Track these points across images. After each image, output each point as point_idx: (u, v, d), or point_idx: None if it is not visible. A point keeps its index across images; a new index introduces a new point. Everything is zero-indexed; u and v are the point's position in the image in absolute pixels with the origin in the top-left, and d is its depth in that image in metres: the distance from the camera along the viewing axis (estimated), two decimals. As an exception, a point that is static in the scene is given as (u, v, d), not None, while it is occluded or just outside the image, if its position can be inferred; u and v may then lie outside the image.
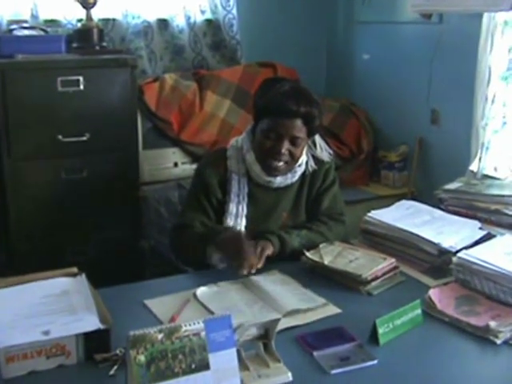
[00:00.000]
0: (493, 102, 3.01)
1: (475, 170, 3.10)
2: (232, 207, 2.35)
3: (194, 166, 3.18)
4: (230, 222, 2.33)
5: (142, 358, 1.36)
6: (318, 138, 2.49)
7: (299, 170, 2.40)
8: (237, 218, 2.34)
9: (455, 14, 3.06)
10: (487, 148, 3.06)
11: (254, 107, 2.37)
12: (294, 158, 2.31)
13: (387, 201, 3.07)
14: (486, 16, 2.94)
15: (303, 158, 2.39)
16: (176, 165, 3.31)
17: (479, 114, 3.04)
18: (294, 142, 2.27)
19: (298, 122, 2.26)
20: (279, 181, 2.36)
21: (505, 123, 3.00)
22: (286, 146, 2.26)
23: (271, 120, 2.26)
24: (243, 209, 2.35)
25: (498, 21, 2.92)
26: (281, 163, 2.29)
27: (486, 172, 3.06)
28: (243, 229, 2.34)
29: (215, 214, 2.36)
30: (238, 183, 2.36)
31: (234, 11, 3.72)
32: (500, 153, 3.04)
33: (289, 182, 2.39)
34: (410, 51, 3.50)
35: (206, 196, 2.35)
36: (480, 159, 3.08)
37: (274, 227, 2.38)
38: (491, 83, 3.00)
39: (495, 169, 3.04)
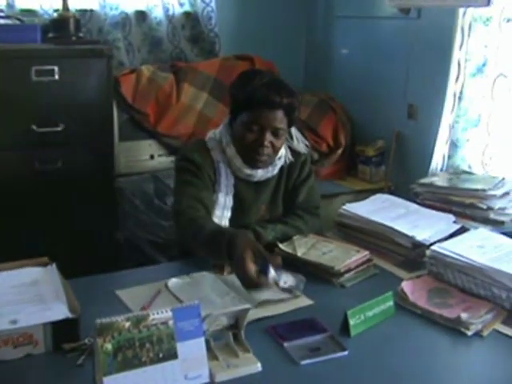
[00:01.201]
0: (461, 98, 3.02)
1: (441, 167, 3.12)
2: (221, 198, 2.30)
3: (171, 159, 3.19)
4: (218, 212, 2.29)
5: (109, 346, 1.35)
6: (293, 129, 2.48)
7: (279, 163, 2.38)
8: (224, 209, 2.31)
9: (433, 8, 3.06)
10: (457, 146, 3.07)
11: (233, 100, 2.32)
12: (275, 150, 2.29)
13: (364, 195, 3.07)
14: (457, 11, 2.95)
15: (282, 151, 2.38)
16: (152, 157, 3.29)
17: (449, 110, 3.05)
18: (276, 133, 2.25)
19: (280, 114, 2.23)
20: (260, 174, 2.34)
21: (478, 120, 3.01)
22: (268, 138, 2.24)
23: (253, 112, 2.23)
24: (230, 201, 2.33)
25: (469, 17, 2.93)
26: (264, 156, 2.27)
27: (459, 168, 3.07)
28: (227, 222, 2.31)
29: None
30: (225, 174, 2.32)
31: (213, 4, 3.71)
32: (473, 150, 3.04)
33: (269, 175, 2.37)
34: (388, 46, 3.51)
35: (201, 177, 2.27)
36: (451, 156, 3.10)
37: (252, 220, 2.37)
38: (460, 79, 3.01)
39: (469, 166, 3.05)
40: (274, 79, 2.30)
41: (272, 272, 1.78)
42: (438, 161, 3.13)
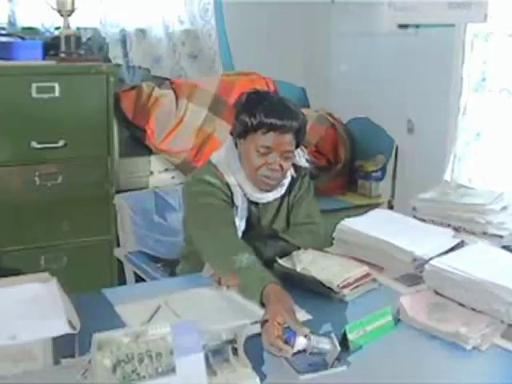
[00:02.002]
0: (464, 113, 3.03)
1: (449, 180, 3.13)
2: (238, 222, 2.28)
3: (171, 175, 3.20)
4: None
5: (107, 361, 1.35)
6: None
7: (286, 182, 2.38)
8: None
9: (431, 24, 3.08)
10: (459, 159, 3.08)
11: (240, 123, 2.25)
12: (284, 172, 2.28)
13: (364, 210, 3.06)
14: (457, 28, 2.97)
15: (290, 170, 2.39)
16: (152, 173, 3.30)
17: (452, 125, 3.07)
18: (285, 156, 2.24)
19: (290, 137, 2.22)
20: (270, 196, 2.34)
21: (478, 135, 3.02)
22: (278, 161, 2.23)
23: (263, 136, 2.20)
24: (243, 224, 2.31)
25: (469, 33, 2.95)
26: (274, 180, 2.27)
27: (460, 182, 3.08)
28: None
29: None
30: (242, 197, 2.30)
31: (213, 21, 3.74)
32: (474, 164, 3.05)
33: (278, 195, 2.37)
34: (386, 62, 3.53)
35: (224, 200, 2.24)
36: (450, 170, 3.11)
37: (254, 236, 2.37)
38: (463, 94, 3.03)
39: (469, 180, 3.05)
40: (282, 103, 2.26)
41: (298, 343, 1.66)
42: (437, 175, 3.14)
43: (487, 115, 2.98)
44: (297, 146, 2.32)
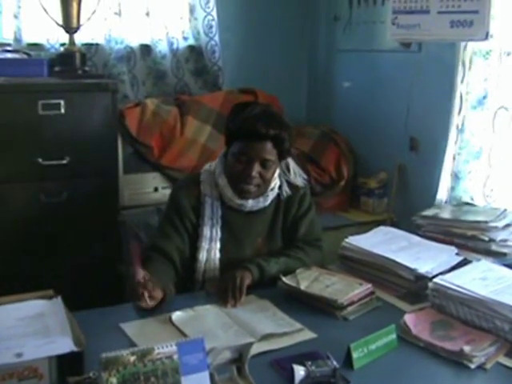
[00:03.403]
0: (462, 131, 3.05)
1: (443, 199, 3.14)
2: (206, 231, 2.36)
3: (173, 191, 3.20)
4: (204, 245, 2.35)
5: (114, 380, 1.36)
6: (292, 163, 2.51)
7: (271, 194, 2.41)
8: (211, 241, 2.36)
9: (433, 43, 3.10)
10: (459, 178, 3.08)
11: (225, 131, 2.39)
12: (265, 181, 2.33)
13: (366, 227, 3.08)
14: (457, 46, 2.99)
15: (276, 182, 2.41)
16: (156, 189, 3.31)
17: (451, 142, 3.08)
18: (264, 164, 2.29)
19: (268, 145, 2.27)
20: (251, 204, 2.37)
21: (478, 153, 3.03)
22: (256, 168, 2.27)
23: (242, 143, 2.28)
24: (217, 232, 2.37)
25: (469, 50, 2.97)
26: (252, 186, 2.31)
27: (461, 200, 3.08)
28: (218, 253, 2.35)
29: (188, 237, 2.37)
30: (212, 206, 2.37)
31: (217, 38, 3.75)
32: (475, 182, 3.06)
33: (261, 205, 2.39)
34: (389, 79, 3.55)
35: (180, 219, 2.36)
36: (453, 188, 3.12)
37: (248, 253, 2.39)
38: (462, 112, 3.04)
39: (471, 198, 3.06)
40: (264, 111, 2.33)
41: (298, 374, 1.65)
42: (440, 193, 3.15)
43: (487, 133, 2.98)
44: (281, 158, 2.35)
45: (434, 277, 2.16)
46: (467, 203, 3.00)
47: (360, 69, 3.82)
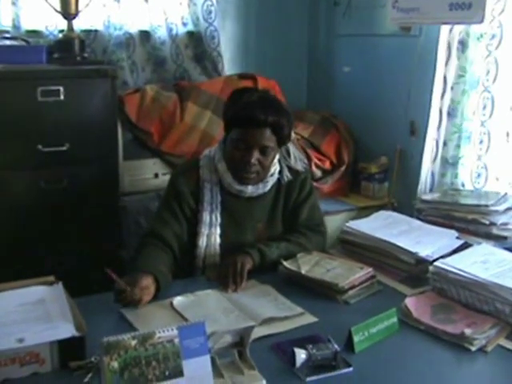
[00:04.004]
0: (455, 115, 3.04)
1: (435, 185, 3.15)
2: (205, 216, 2.36)
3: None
4: (204, 231, 2.35)
5: (115, 364, 1.36)
6: (292, 148, 2.51)
7: (271, 180, 2.41)
8: (211, 227, 2.36)
9: (434, 26, 3.08)
10: (449, 163, 3.08)
11: (224, 118, 2.39)
12: (264, 168, 2.32)
13: (367, 212, 3.08)
14: (444, 28, 2.98)
15: (275, 168, 2.41)
16: (156, 176, 3.31)
17: (442, 127, 3.08)
18: (263, 151, 2.29)
19: (267, 132, 2.27)
20: (251, 190, 2.37)
21: (468, 137, 3.01)
22: (255, 155, 2.27)
23: (240, 130, 2.28)
24: (217, 218, 2.37)
25: (463, 33, 2.96)
26: (251, 173, 2.31)
27: (452, 186, 3.08)
28: (218, 238, 2.35)
29: (187, 223, 2.37)
30: (211, 192, 2.37)
31: (216, 24, 3.73)
32: (466, 167, 3.05)
33: (260, 191, 2.39)
34: (389, 64, 3.53)
35: (179, 204, 2.36)
36: (443, 174, 3.11)
37: (249, 238, 2.40)
38: (452, 96, 3.03)
39: (462, 184, 3.05)
40: (262, 97, 2.33)
41: (299, 357, 1.66)
42: (433, 178, 3.16)
43: (479, 117, 2.97)
44: (280, 144, 2.35)
45: (434, 260, 2.16)
46: (466, 189, 3.00)
47: (360, 54, 3.80)
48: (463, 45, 2.98)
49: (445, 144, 3.09)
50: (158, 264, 2.14)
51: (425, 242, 2.37)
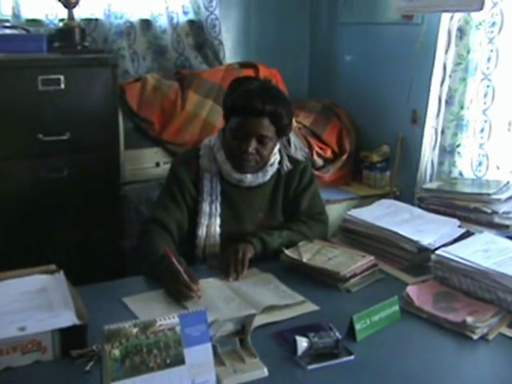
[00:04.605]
0: (452, 103, 3.03)
1: (434, 173, 3.14)
2: (205, 206, 2.36)
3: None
4: (203, 221, 2.35)
5: (116, 352, 1.36)
6: (293, 137, 2.50)
7: (271, 170, 2.40)
8: (211, 217, 2.35)
9: (435, 14, 3.07)
10: (449, 152, 3.07)
11: (223, 106, 2.38)
12: (262, 157, 2.32)
13: (369, 200, 3.09)
14: (444, 16, 2.97)
15: (275, 158, 2.40)
16: (158, 164, 3.30)
17: (441, 115, 3.07)
18: (261, 140, 2.28)
19: (265, 121, 2.26)
20: (250, 179, 2.36)
21: (466, 125, 3.00)
22: (253, 145, 2.27)
23: (238, 119, 2.27)
24: (217, 208, 2.36)
25: (461, 21, 2.95)
26: (249, 162, 2.30)
27: (450, 175, 3.08)
28: (218, 228, 2.35)
29: (188, 212, 2.36)
30: (211, 182, 2.37)
31: (217, 12, 3.72)
32: (464, 156, 3.05)
33: (260, 180, 2.39)
34: (391, 52, 3.52)
35: (181, 191, 2.36)
36: (441, 162, 3.11)
37: (250, 227, 2.39)
38: (450, 84, 3.03)
39: (460, 173, 3.05)
40: (261, 86, 2.32)
41: (300, 345, 1.65)
42: (432, 167, 3.16)
43: (478, 105, 2.96)
44: (279, 134, 2.34)
45: (436, 249, 2.16)
46: (466, 177, 2.99)
47: (362, 42, 3.79)
48: (462, 32, 2.97)
49: (443, 132, 3.08)
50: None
51: (427, 230, 2.37)
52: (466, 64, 2.96)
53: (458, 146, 3.03)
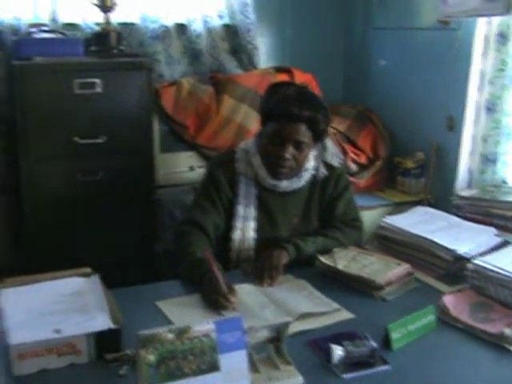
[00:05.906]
0: (495, 110, 2.98)
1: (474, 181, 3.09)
2: (240, 210, 2.35)
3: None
4: (238, 224, 2.34)
5: (151, 357, 1.36)
6: (329, 143, 2.49)
7: (306, 175, 2.39)
8: (245, 220, 2.35)
9: (471, 19, 3.03)
10: (489, 159, 3.03)
11: (260, 111, 2.38)
12: (298, 163, 2.31)
13: (403, 207, 3.06)
14: (481, 21, 2.93)
15: (311, 163, 2.39)
16: (192, 168, 3.31)
17: (482, 122, 3.02)
18: (297, 146, 2.27)
19: (302, 127, 2.25)
20: (285, 185, 2.36)
21: (509, 134, 2.96)
22: (290, 150, 2.26)
23: (275, 124, 2.27)
24: (251, 212, 2.35)
25: (501, 26, 2.91)
26: (284, 168, 2.29)
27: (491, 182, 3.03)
28: (252, 232, 2.34)
29: (225, 213, 2.36)
30: (246, 186, 2.37)
31: (252, 17, 3.71)
32: (508, 164, 3.00)
33: (295, 186, 2.38)
34: (426, 57, 3.48)
35: (217, 193, 2.36)
36: (483, 170, 3.06)
37: (284, 233, 2.39)
38: (491, 90, 2.98)
39: (503, 181, 3.00)
40: (299, 92, 2.31)
41: (336, 354, 1.65)
42: (472, 175, 3.12)
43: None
44: (316, 140, 2.33)
45: (472, 258, 2.13)
46: (506, 184, 2.94)
47: (397, 47, 3.75)
48: (503, 37, 2.93)
49: (484, 140, 3.04)
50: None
51: (463, 238, 2.34)
52: (508, 70, 2.91)
53: (501, 153, 2.98)
